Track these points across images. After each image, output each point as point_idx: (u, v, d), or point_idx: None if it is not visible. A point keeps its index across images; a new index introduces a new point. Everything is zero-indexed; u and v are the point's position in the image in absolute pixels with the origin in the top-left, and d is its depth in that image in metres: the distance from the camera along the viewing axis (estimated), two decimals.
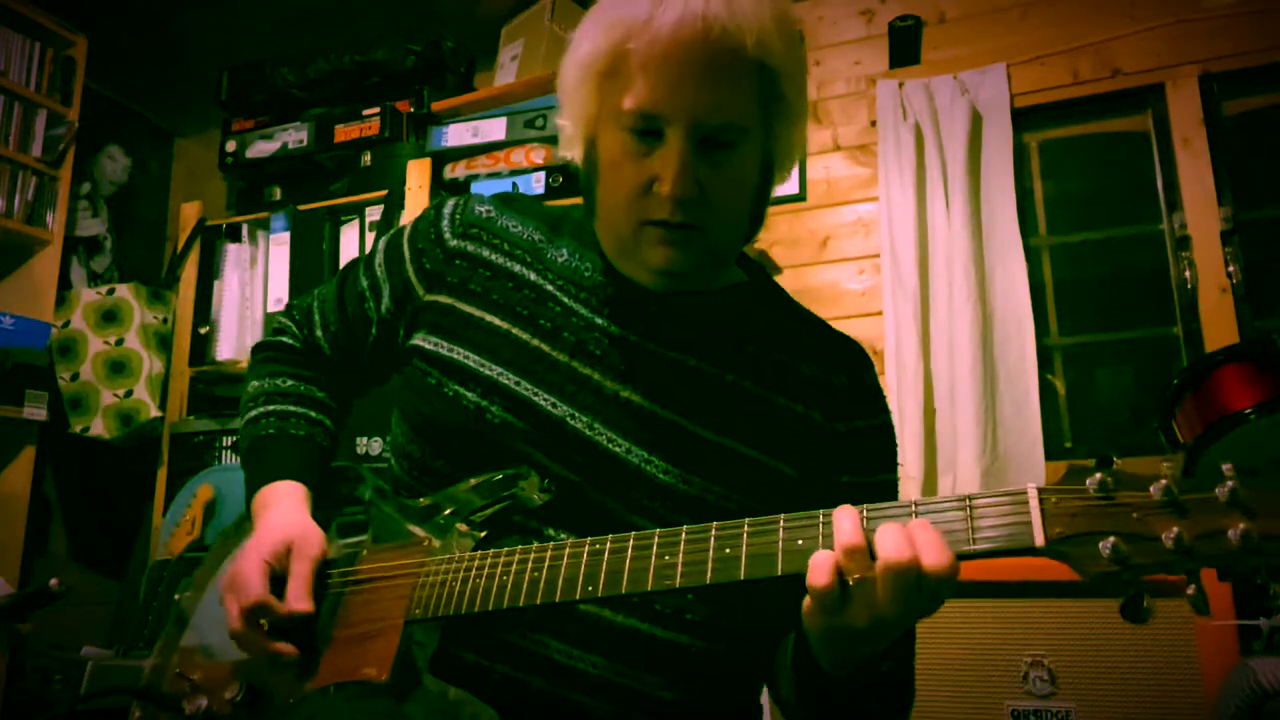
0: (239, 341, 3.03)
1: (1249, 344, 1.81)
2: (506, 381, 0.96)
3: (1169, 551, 0.63)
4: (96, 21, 3.07)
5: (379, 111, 2.99)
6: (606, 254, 1.01)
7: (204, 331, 3.09)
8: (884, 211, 2.64)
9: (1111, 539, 0.65)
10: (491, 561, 0.87)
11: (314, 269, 2.95)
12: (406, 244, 1.09)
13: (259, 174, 3.19)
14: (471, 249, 1.04)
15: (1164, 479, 0.65)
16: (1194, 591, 0.64)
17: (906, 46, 2.76)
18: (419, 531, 0.96)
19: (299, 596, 0.92)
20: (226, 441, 2.89)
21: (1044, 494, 0.69)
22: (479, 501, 0.94)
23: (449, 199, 1.10)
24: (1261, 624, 1.69)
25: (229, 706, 0.93)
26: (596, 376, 0.97)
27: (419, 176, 2.87)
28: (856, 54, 2.87)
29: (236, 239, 3.12)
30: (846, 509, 0.73)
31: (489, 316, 1.01)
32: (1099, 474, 0.67)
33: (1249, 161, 2.45)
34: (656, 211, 0.90)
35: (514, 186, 2.76)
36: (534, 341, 0.98)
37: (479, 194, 1.12)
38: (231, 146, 3.17)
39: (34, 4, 2.89)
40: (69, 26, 3.00)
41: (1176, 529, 0.64)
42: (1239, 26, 2.42)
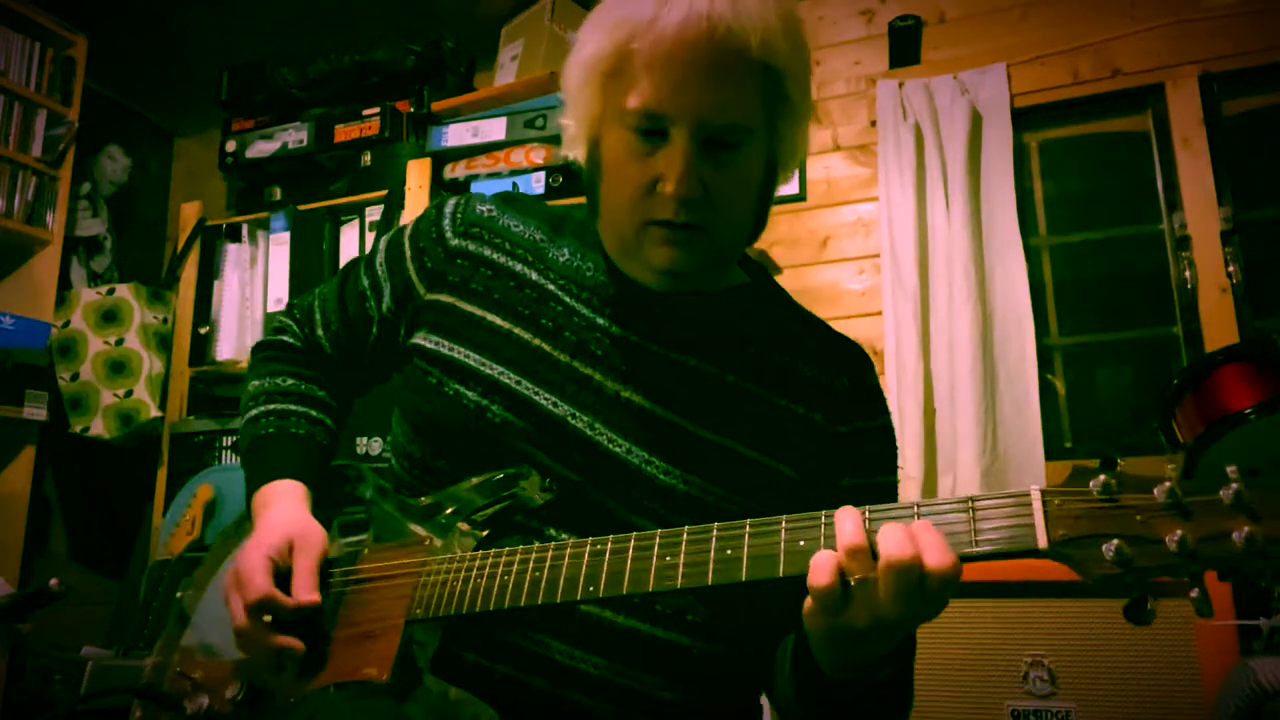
0: (239, 341, 3.03)
1: (1249, 344, 1.81)
2: (507, 381, 0.96)
3: (1173, 554, 0.63)
4: (96, 21, 3.07)
5: (379, 111, 2.99)
6: (609, 254, 1.01)
7: (204, 331, 3.08)
8: (884, 211, 2.63)
9: (1115, 542, 0.65)
10: (493, 561, 0.87)
11: (314, 269, 2.95)
12: (408, 243, 1.09)
13: (259, 174, 3.18)
14: (473, 248, 1.04)
15: (1168, 481, 0.65)
16: (1198, 594, 0.63)
17: (906, 46, 2.76)
18: (420, 530, 0.96)
19: (305, 589, 0.92)
20: (226, 441, 2.89)
21: (1047, 496, 0.68)
22: (480, 501, 0.94)
23: (450, 198, 1.10)
24: (1261, 624, 1.69)
25: (230, 705, 0.93)
26: (597, 376, 0.97)
27: (419, 176, 2.87)
28: (856, 54, 2.87)
29: (236, 239, 3.12)
30: (849, 510, 0.73)
31: (490, 316, 1.00)
32: (1102, 476, 0.67)
33: (1249, 161, 2.45)
34: (660, 211, 0.90)
35: (514, 186, 2.75)
36: (535, 341, 0.98)
37: (480, 193, 1.11)
38: (231, 146, 3.17)
39: (34, 4, 2.88)
40: (69, 26, 3.00)
41: (1180, 532, 0.63)
42: (1239, 26, 2.42)
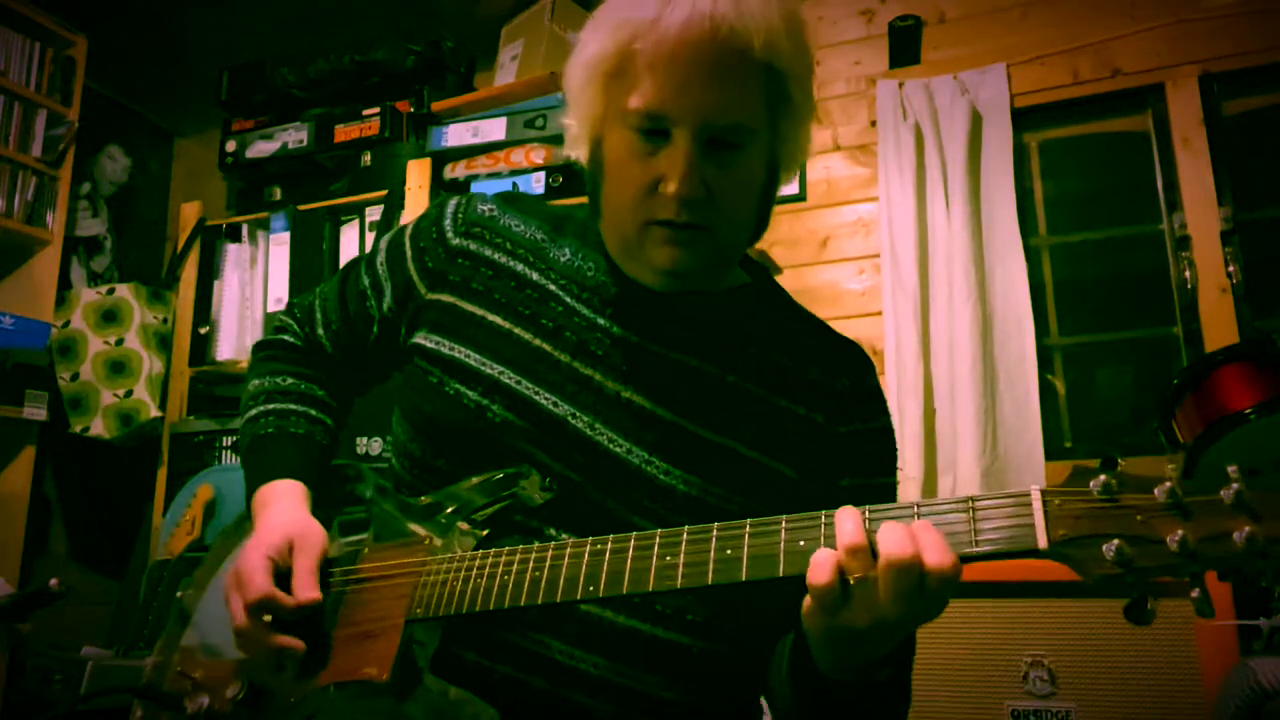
0: (239, 341, 3.03)
1: (1249, 344, 1.81)
2: (508, 380, 0.96)
3: (1173, 555, 0.63)
4: (96, 21, 3.07)
5: (379, 111, 2.99)
6: (611, 254, 1.01)
7: (204, 331, 3.08)
8: (884, 211, 2.63)
9: (1115, 542, 0.65)
10: (493, 561, 0.87)
11: (314, 269, 2.95)
12: (409, 242, 1.09)
13: (259, 174, 3.18)
14: (474, 248, 1.04)
15: (1168, 481, 0.65)
16: (1198, 594, 0.63)
17: (906, 46, 2.76)
18: (420, 530, 0.96)
19: (306, 587, 0.92)
20: (226, 441, 2.89)
21: (1047, 496, 0.68)
22: (480, 500, 0.94)
23: (452, 198, 1.10)
24: (1261, 624, 1.69)
25: (230, 705, 0.93)
26: (598, 377, 0.97)
27: (419, 176, 2.87)
28: (856, 54, 2.87)
29: (236, 239, 3.12)
30: (849, 509, 0.73)
31: (491, 315, 1.00)
32: (1103, 476, 0.67)
33: (1249, 161, 2.45)
34: (662, 211, 0.90)
35: (514, 186, 2.75)
36: (536, 341, 0.98)
37: (482, 193, 1.11)
38: (231, 146, 3.17)
39: (34, 4, 2.88)
40: (69, 26, 3.00)
41: (1181, 532, 0.63)
42: (1239, 26, 2.42)
